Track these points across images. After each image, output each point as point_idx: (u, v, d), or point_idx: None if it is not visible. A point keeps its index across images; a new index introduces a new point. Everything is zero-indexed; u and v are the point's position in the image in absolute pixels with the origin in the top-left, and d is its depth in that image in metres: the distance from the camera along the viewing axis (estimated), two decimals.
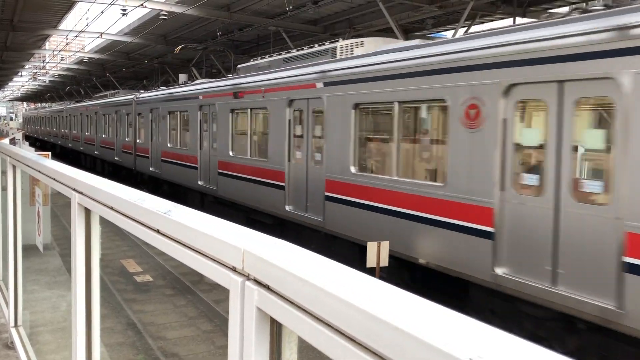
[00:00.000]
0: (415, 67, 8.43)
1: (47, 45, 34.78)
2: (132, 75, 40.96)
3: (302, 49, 13.05)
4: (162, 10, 19.63)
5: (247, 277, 1.13)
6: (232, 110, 14.45)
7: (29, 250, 5.15)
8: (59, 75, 47.66)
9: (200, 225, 1.36)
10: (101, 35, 26.34)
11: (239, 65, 15.95)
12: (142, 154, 22.25)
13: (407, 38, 19.21)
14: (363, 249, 8.31)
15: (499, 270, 6.93)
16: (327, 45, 11.75)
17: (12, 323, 4.70)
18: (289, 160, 11.81)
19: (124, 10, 19.52)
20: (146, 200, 1.74)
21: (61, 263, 9.56)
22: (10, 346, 4.62)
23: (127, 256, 12.41)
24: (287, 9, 18.00)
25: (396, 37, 19.20)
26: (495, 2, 16.49)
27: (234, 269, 1.18)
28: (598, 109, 6.38)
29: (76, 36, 26.68)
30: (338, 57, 11.10)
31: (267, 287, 1.07)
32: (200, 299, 9.63)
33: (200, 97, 16.43)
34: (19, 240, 4.64)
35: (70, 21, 27.22)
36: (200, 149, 16.33)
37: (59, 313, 6.83)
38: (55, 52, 35.31)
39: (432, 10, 17.27)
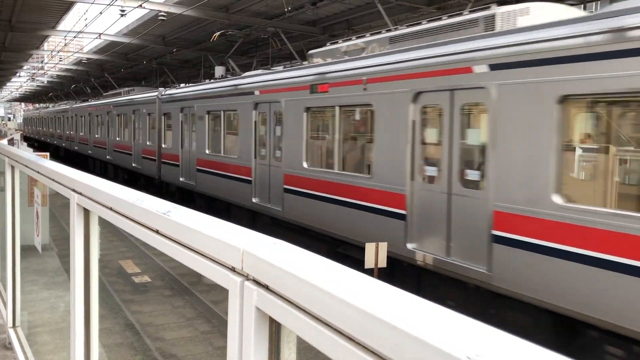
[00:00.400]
0: None
1: (46, 45, 34.76)
2: (130, 76, 40.96)
3: (419, 24, 9.59)
4: (160, 11, 19.64)
5: (247, 277, 1.14)
6: (308, 109, 11.15)
7: (27, 250, 5.15)
8: (57, 75, 47.64)
9: (199, 225, 1.36)
10: (99, 35, 26.34)
11: (310, 52, 12.65)
12: (169, 162, 18.84)
13: None
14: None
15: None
16: (477, 14, 8.37)
17: (10, 324, 4.70)
18: (412, 179, 8.48)
19: (123, 11, 19.52)
20: (145, 200, 1.74)
21: (59, 264, 9.56)
22: (9, 347, 4.62)
23: (126, 257, 12.41)
24: (286, 10, 18.01)
25: None
26: (491, 6, 16.49)
27: (233, 269, 1.19)
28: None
29: (75, 37, 26.67)
30: (498, 29, 7.78)
31: (266, 287, 1.08)
32: (199, 300, 9.63)
33: (257, 92, 13.09)
34: (17, 241, 4.64)
35: (68, 22, 27.22)
36: (256, 158, 13.14)
37: (57, 314, 6.82)
38: (53, 53, 35.30)
39: (431, 12, 17.29)
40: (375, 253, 7.90)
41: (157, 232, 1.59)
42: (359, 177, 9.70)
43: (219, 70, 18.70)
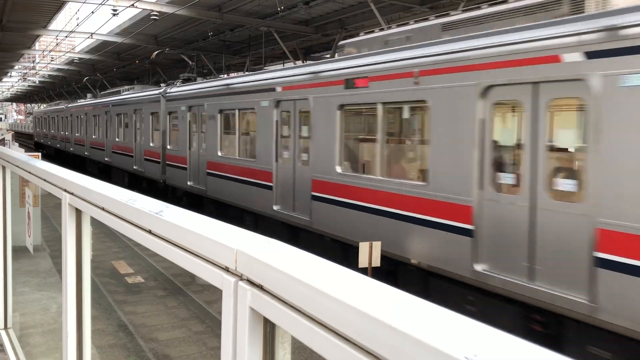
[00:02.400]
0: None
1: (37, 45, 34.56)
2: (122, 76, 40.82)
3: (478, 8, 8.33)
4: (152, 11, 19.57)
5: (240, 278, 1.13)
6: (341, 107, 9.83)
7: (19, 251, 5.12)
8: (49, 75, 47.39)
9: (192, 225, 1.35)
10: (91, 35, 26.23)
11: (341, 42, 11.41)
12: (174, 164, 17.64)
13: None
14: None
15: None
16: None
17: (1, 325, 4.67)
18: (480, 188, 7.23)
19: (115, 10, 19.44)
20: (138, 200, 1.73)
21: (51, 265, 9.51)
22: (0, 349, 4.58)
23: (118, 257, 12.36)
24: (279, 9, 17.99)
25: None
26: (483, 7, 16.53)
27: (227, 269, 1.18)
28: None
29: (66, 36, 26.54)
30: (587, 11, 6.56)
31: (260, 287, 1.07)
32: (192, 300, 9.60)
33: (278, 88, 11.79)
34: (9, 242, 4.61)
35: (60, 21, 27.07)
36: (277, 161, 11.91)
37: (50, 315, 6.79)
38: (45, 53, 35.11)
39: (423, 11, 17.31)
40: (369, 252, 7.90)
41: (149, 232, 1.58)
42: (408, 185, 8.42)
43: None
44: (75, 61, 35.80)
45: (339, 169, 9.97)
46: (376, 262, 8.02)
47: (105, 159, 25.87)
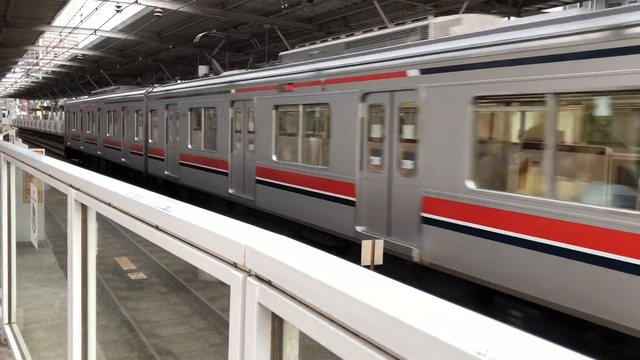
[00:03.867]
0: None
1: (40, 41, 34.61)
2: (126, 73, 40.86)
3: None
4: (156, 7, 19.59)
5: (249, 273, 1.13)
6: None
7: (23, 247, 5.13)
8: (52, 72, 47.46)
9: (200, 221, 1.35)
10: (95, 32, 26.25)
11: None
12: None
13: None
14: None
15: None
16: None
17: (5, 320, 4.68)
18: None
19: (119, 7, 19.46)
20: (145, 196, 1.73)
21: (55, 260, 9.53)
22: (4, 343, 4.60)
23: (121, 254, 12.38)
24: (282, 7, 17.98)
25: None
26: (490, 1, 16.53)
27: (235, 265, 1.18)
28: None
29: (70, 32, 26.56)
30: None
31: (268, 283, 1.07)
32: (194, 297, 9.62)
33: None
34: (13, 238, 4.62)
35: (63, 18, 27.09)
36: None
37: (53, 310, 6.81)
38: (48, 49, 35.15)
39: (427, 9, 17.30)
40: (372, 251, 7.91)
41: (156, 227, 1.58)
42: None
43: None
44: (79, 57, 35.85)
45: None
46: (379, 260, 8.03)
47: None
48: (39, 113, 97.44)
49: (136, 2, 19.27)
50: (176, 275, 10.79)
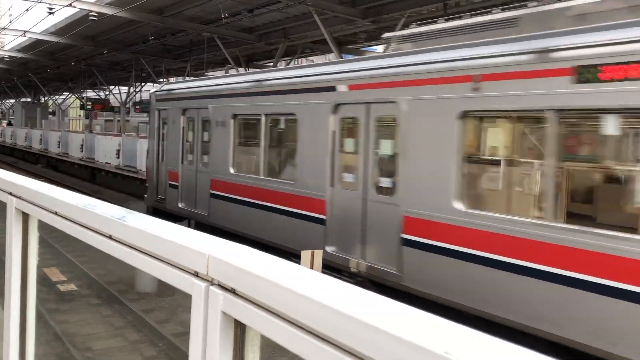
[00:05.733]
0: None
1: None
2: (56, 77, 39.37)
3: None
4: (91, 11, 19.04)
5: (211, 282, 1.16)
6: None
7: None
8: None
9: (159, 231, 1.37)
10: (24, 33, 25.20)
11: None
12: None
13: (341, 51, 19.56)
14: None
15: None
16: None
17: None
18: (332, 185, 9.12)
19: (51, 9, 18.79)
20: (97, 205, 1.72)
21: None
22: None
23: (50, 264, 11.89)
24: (223, 16, 17.89)
25: (330, 50, 19.49)
26: (426, 19, 17.04)
27: (196, 274, 1.20)
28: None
29: None
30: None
31: (232, 291, 1.10)
32: (128, 309, 9.36)
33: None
34: None
35: None
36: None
37: None
38: None
39: (365, 25, 17.65)
40: (311, 260, 7.97)
41: (110, 237, 1.57)
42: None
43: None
44: (6, 59, 34.25)
45: (232, 170, 11.68)
46: (318, 269, 8.10)
47: None
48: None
49: (70, 4, 18.67)
50: (109, 287, 10.47)
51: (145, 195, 15.61)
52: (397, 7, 15.98)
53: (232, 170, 11.61)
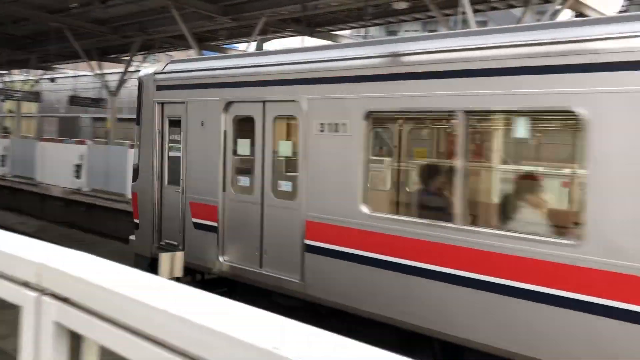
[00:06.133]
0: None
1: None
2: None
3: None
4: None
5: (43, 292, 1.09)
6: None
7: None
8: None
9: None
10: None
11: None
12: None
13: (201, 48, 19.21)
14: None
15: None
16: None
17: None
18: (224, 190, 8.03)
19: None
20: None
21: None
22: None
23: None
24: (71, 5, 16.76)
25: (189, 46, 19.07)
26: (286, 20, 17.28)
27: (26, 285, 1.13)
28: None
29: None
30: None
31: (66, 301, 1.05)
32: None
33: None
34: None
35: None
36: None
37: None
38: None
39: (226, 22, 17.49)
40: (171, 263, 7.77)
41: None
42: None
43: None
44: None
45: (364, 209, 8.97)
46: (178, 272, 7.91)
47: None
48: None
49: None
50: None
51: (132, 237, 9.90)
52: (257, 6, 16.02)
53: (364, 210, 6.56)
